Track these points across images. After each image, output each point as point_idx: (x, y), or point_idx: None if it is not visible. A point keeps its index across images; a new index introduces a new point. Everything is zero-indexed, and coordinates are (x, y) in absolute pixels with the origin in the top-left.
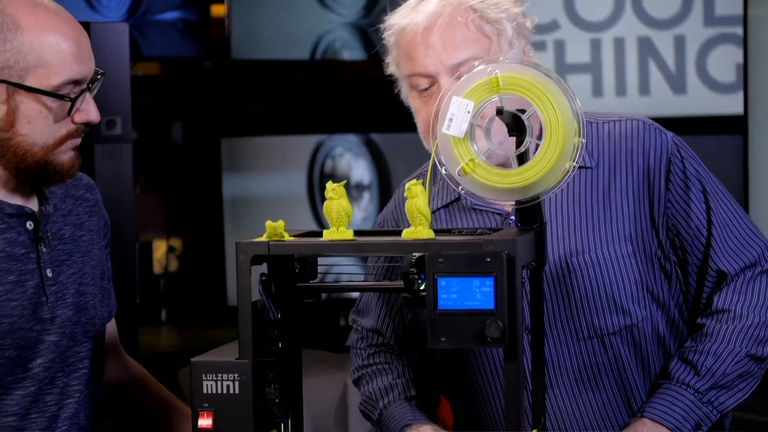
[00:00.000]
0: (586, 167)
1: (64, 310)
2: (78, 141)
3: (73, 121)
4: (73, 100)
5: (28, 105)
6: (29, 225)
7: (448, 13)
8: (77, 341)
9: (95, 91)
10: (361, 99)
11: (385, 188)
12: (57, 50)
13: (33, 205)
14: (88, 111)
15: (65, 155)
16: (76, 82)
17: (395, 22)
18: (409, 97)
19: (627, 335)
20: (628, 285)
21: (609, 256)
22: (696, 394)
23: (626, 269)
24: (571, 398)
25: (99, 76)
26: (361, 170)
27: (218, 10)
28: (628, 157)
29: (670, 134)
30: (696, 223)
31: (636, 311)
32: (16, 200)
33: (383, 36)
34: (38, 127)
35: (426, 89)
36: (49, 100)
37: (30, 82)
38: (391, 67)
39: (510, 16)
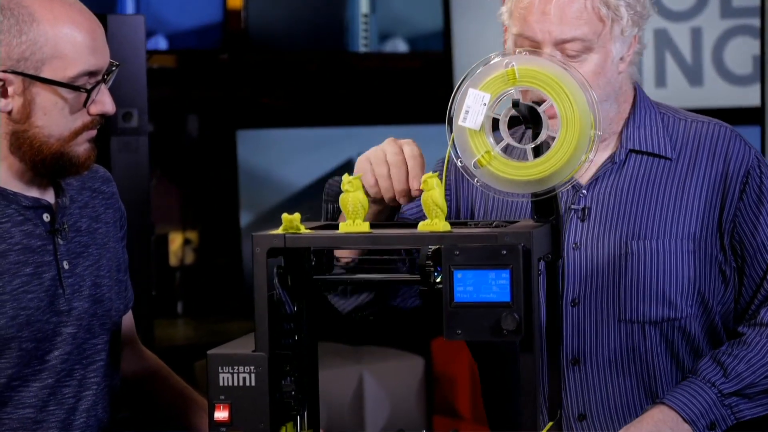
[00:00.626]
0: (666, 158)
1: (81, 302)
2: (94, 133)
3: (88, 113)
4: (89, 92)
5: (43, 97)
6: (46, 217)
7: None
8: (94, 333)
9: (110, 83)
10: (379, 91)
11: None
12: (72, 42)
13: (49, 197)
14: (104, 102)
15: (81, 147)
16: (91, 74)
17: None
18: (509, 49)
19: (667, 328)
20: (681, 281)
21: (669, 248)
22: (719, 395)
23: (682, 265)
24: (599, 379)
25: (114, 68)
26: None
27: (234, 2)
28: (708, 159)
29: (754, 149)
30: (762, 237)
31: (682, 307)
32: (33, 192)
33: None
34: (54, 118)
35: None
36: (64, 92)
37: (46, 74)
38: (504, 17)
39: (630, 2)
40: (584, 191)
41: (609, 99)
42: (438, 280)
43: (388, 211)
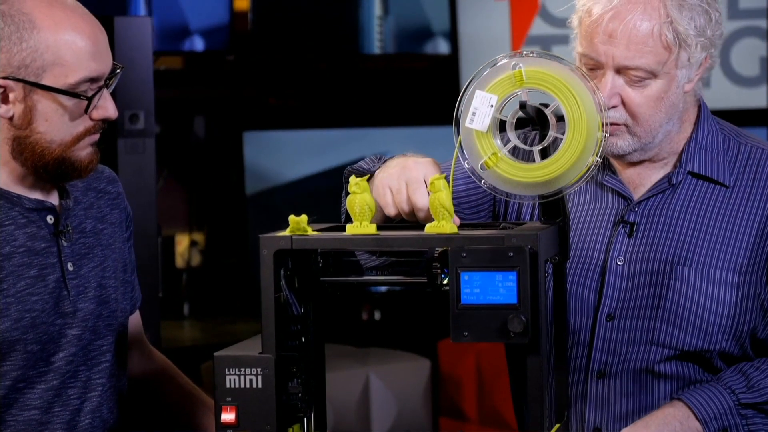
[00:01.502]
0: (724, 185)
1: (86, 304)
2: (96, 137)
3: (90, 118)
4: (90, 98)
5: (44, 103)
6: (50, 219)
7: (641, 11)
8: (99, 335)
9: (113, 87)
10: (387, 92)
11: None
12: (73, 48)
13: (53, 199)
14: (106, 107)
15: (83, 151)
16: (92, 80)
17: None
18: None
19: (699, 358)
20: (721, 314)
21: (713, 278)
22: (736, 403)
23: (725, 298)
24: (621, 395)
25: (117, 72)
26: None
27: (241, 3)
28: (764, 190)
29: None
30: None
31: (718, 339)
32: (36, 195)
33: None
34: (55, 124)
35: (591, 69)
36: (65, 99)
37: (47, 81)
38: (573, 27)
39: (700, 27)
40: (636, 206)
41: (672, 120)
42: (445, 282)
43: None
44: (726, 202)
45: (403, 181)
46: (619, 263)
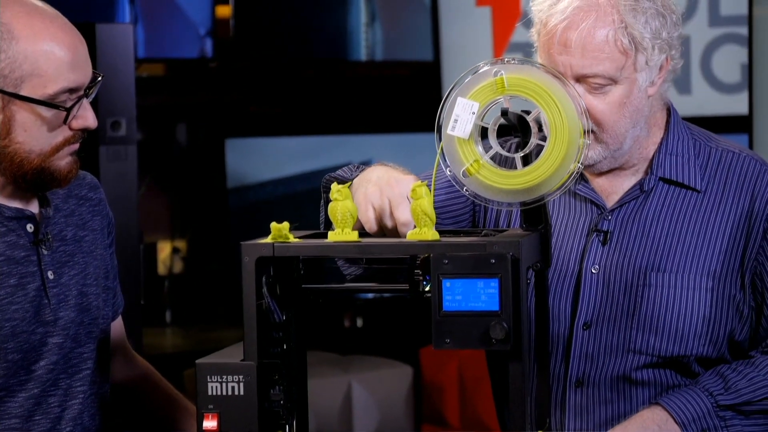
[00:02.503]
0: (695, 190)
1: (67, 312)
2: (76, 146)
3: (70, 128)
4: (69, 109)
5: (23, 114)
6: (29, 228)
7: (593, 19)
8: (80, 342)
9: (93, 97)
10: (369, 99)
11: None
12: (52, 59)
13: (33, 207)
14: (86, 117)
15: (63, 161)
16: (72, 90)
17: (543, 2)
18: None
19: (677, 364)
20: (696, 319)
21: (687, 284)
22: (714, 405)
23: (700, 303)
24: (600, 403)
25: (97, 81)
26: None
27: (223, 10)
28: (736, 194)
29: None
30: None
31: (695, 345)
32: (16, 203)
33: (532, 4)
34: (34, 135)
35: None
36: (44, 109)
37: (25, 92)
38: (534, 37)
39: (656, 30)
40: (609, 214)
41: (638, 125)
42: (427, 289)
43: None
44: (698, 207)
45: (386, 198)
46: (593, 272)
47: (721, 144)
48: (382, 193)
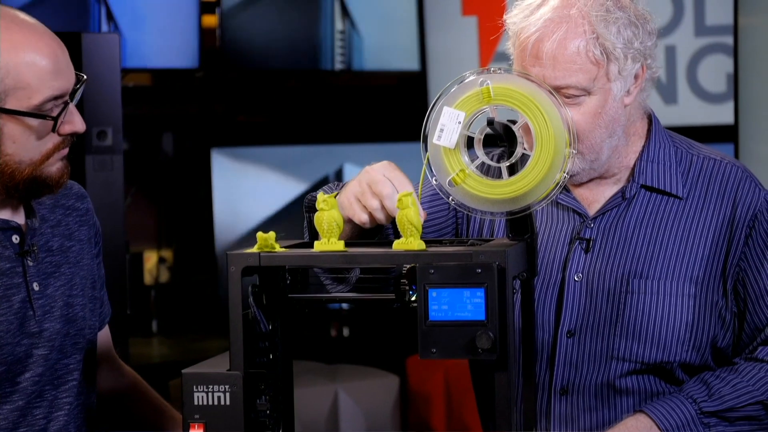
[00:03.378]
0: (677, 196)
1: (53, 323)
2: (65, 151)
3: (58, 134)
4: (56, 118)
5: (10, 126)
6: (15, 239)
7: (564, 30)
8: (66, 353)
9: (77, 99)
10: (355, 109)
11: None
12: (34, 69)
13: (19, 218)
14: (73, 122)
15: (53, 167)
16: (57, 98)
17: (516, 15)
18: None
19: (660, 371)
20: (679, 325)
21: (669, 290)
22: (698, 412)
23: (681, 309)
24: (585, 410)
25: (80, 84)
26: None
27: (209, 20)
28: (717, 200)
29: (765, 192)
30: (765, 283)
31: (678, 351)
32: (2, 214)
33: (506, 17)
34: (23, 145)
35: None
36: (31, 120)
37: (10, 105)
38: (510, 49)
39: (628, 40)
40: (591, 222)
41: (615, 134)
42: (413, 298)
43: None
44: (680, 214)
45: (365, 183)
46: (576, 279)
47: (703, 151)
48: (360, 181)
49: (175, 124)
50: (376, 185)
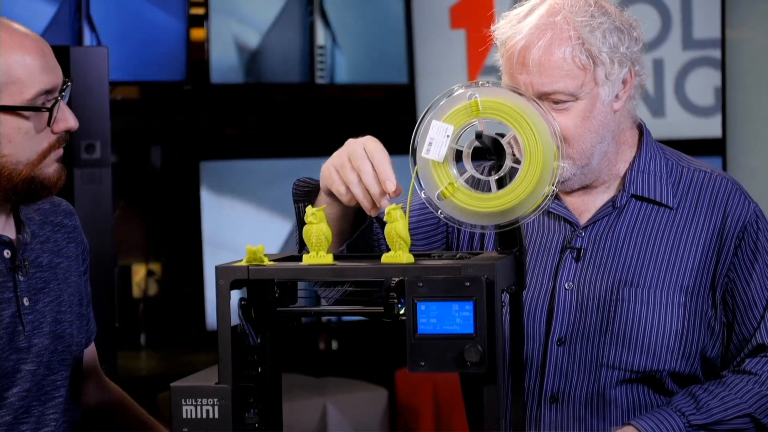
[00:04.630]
0: (667, 206)
1: (41, 339)
2: (60, 152)
3: (53, 132)
4: (50, 109)
5: (6, 124)
6: (6, 254)
7: (549, 37)
8: (54, 370)
9: (67, 98)
10: (344, 122)
11: None
12: (24, 65)
13: (10, 233)
14: (66, 118)
15: (50, 168)
16: (48, 92)
17: (504, 26)
18: None
19: (650, 380)
20: (668, 334)
21: (659, 299)
22: (687, 425)
23: (671, 318)
24: (575, 419)
25: (68, 84)
26: None
27: (198, 33)
28: (708, 211)
29: (754, 204)
30: (753, 294)
31: (667, 359)
32: None
33: (494, 28)
34: (19, 144)
35: None
36: (26, 115)
37: (4, 101)
38: (499, 61)
39: (613, 45)
40: (582, 231)
41: (605, 140)
42: (401, 311)
43: (354, 214)
44: (671, 224)
45: (345, 156)
46: (567, 288)
47: (693, 164)
48: (341, 154)
49: (164, 137)
50: (355, 159)
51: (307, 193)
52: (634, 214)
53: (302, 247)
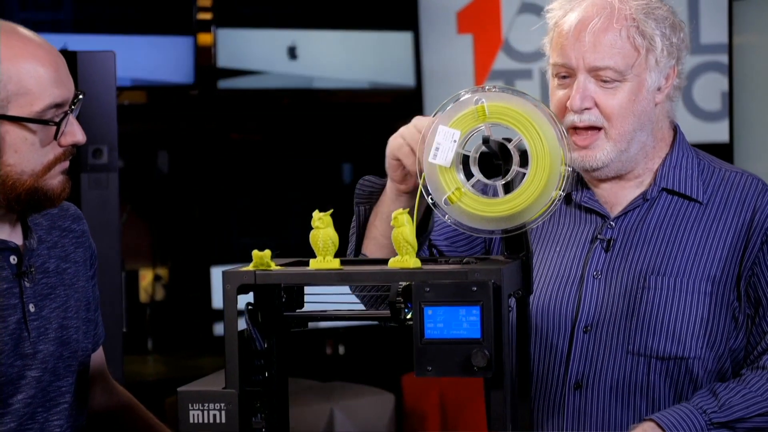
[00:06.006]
0: (697, 201)
1: (47, 345)
2: (66, 164)
3: (59, 145)
4: (58, 124)
5: (13, 134)
6: (13, 259)
7: (607, 15)
8: (59, 376)
9: (77, 112)
10: (350, 127)
11: None
12: (35, 76)
13: (17, 239)
14: (74, 132)
15: (55, 180)
16: (57, 106)
17: (557, 7)
18: (549, 80)
19: (673, 366)
20: (693, 321)
21: (686, 287)
22: (708, 423)
23: (697, 306)
24: (598, 406)
25: (79, 97)
26: None
27: (205, 38)
28: (737, 208)
29: None
30: None
31: (691, 346)
32: (1, 234)
33: (545, 14)
34: (25, 155)
35: (564, 77)
36: (33, 127)
37: (13, 112)
38: (546, 48)
39: (665, 33)
40: (612, 223)
41: (644, 129)
42: (408, 316)
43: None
44: (700, 218)
45: (411, 125)
46: (595, 276)
47: (725, 166)
48: (408, 126)
49: (171, 142)
50: (417, 123)
51: (370, 194)
52: (664, 208)
53: (358, 252)
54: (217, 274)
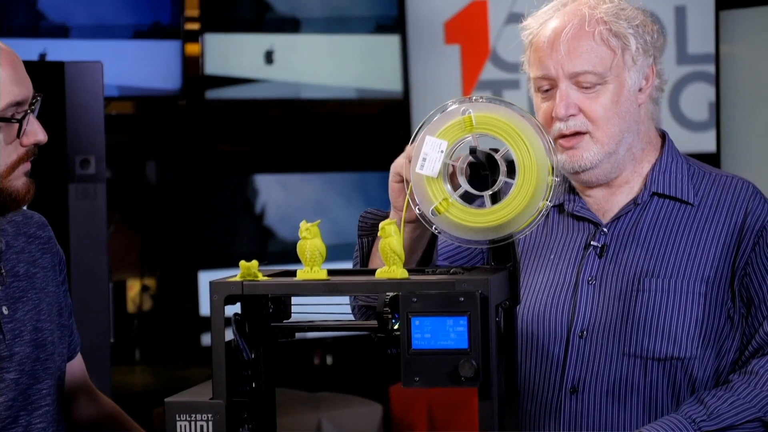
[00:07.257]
0: (688, 203)
1: (23, 347)
2: (28, 166)
3: (22, 144)
4: (20, 121)
5: None
6: None
7: (578, 22)
8: (38, 379)
9: (37, 111)
10: (338, 137)
11: None
12: None
13: None
14: (36, 132)
15: (19, 181)
16: (18, 104)
17: (531, 24)
18: (533, 96)
19: (670, 367)
20: (689, 321)
21: (680, 288)
22: None
23: (692, 306)
24: (595, 409)
25: (38, 98)
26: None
27: (192, 48)
28: (729, 209)
29: None
30: (765, 294)
31: (687, 347)
32: None
33: (521, 26)
34: None
35: (547, 90)
36: None
37: None
38: (525, 66)
39: (638, 32)
40: (605, 229)
41: (630, 130)
42: (396, 327)
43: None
44: (692, 219)
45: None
46: (589, 282)
47: (716, 171)
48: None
49: (159, 152)
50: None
51: (372, 227)
52: (656, 211)
53: None
54: (204, 279)
